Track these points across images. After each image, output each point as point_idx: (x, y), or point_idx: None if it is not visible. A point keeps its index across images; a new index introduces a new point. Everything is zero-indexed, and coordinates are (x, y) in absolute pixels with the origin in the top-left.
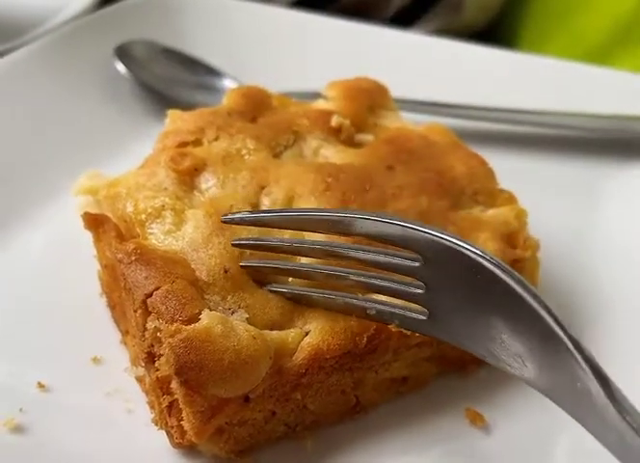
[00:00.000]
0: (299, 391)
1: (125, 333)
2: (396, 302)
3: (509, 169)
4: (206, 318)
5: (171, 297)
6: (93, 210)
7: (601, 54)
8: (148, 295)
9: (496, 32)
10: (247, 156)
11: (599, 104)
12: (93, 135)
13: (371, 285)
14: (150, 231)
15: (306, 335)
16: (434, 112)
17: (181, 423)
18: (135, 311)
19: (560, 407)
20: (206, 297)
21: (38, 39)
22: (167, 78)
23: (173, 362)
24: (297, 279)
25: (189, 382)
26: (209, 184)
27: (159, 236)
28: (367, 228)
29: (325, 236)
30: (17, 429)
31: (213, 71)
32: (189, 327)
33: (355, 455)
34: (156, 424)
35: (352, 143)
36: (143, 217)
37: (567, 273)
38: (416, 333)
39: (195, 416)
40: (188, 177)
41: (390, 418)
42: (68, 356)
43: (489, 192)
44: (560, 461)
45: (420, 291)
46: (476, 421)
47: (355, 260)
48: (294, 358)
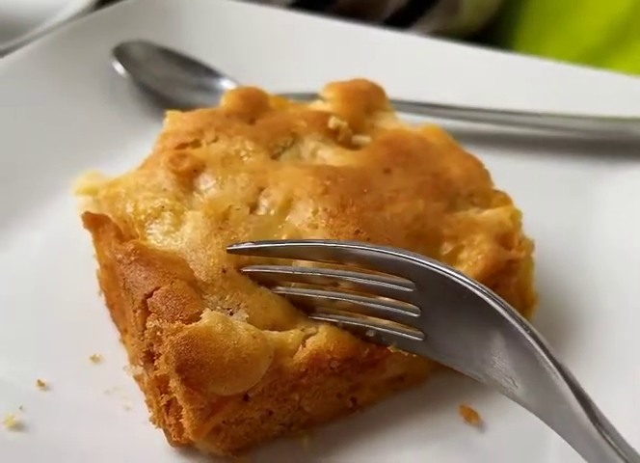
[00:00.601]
0: (297, 391)
1: (124, 332)
2: (393, 325)
3: (504, 170)
4: (207, 317)
5: (170, 297)
6: (93, 210)
7: (597, 55)
8: (148, 295)
9: (493, 33)
10: (245, 158)
11: (594, 106)
12: (91, 135)
13: (370, 309)
14: (150, 231)
15: (308, 336)
16: (430, 113)
17: (179, 421)
18: (134, 310)
19: (549, 426)
20: (205, 297)
21: (36, 38)
22: (165, 79)
23: (174, 359)
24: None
25: (189, 379)
26: (208, 185)
27: (158, 237)
28: (362, 256)
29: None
30: (17, 427)
31: (211, 72)
32: (190, 325)
33: (351, 453)
34: (154, 423)
35: (349, 144)
36: (142, 218)
37: (562, 273)
38: (413, 354)
39: (194, 413)
40: (187, 179)
41: (386, 415)
42: (68, 354)
43: (484, 193)
44: (552, 458)
45: (416, 315)
46: (471, 418)
47: (352, 285)
48: (294, 358)
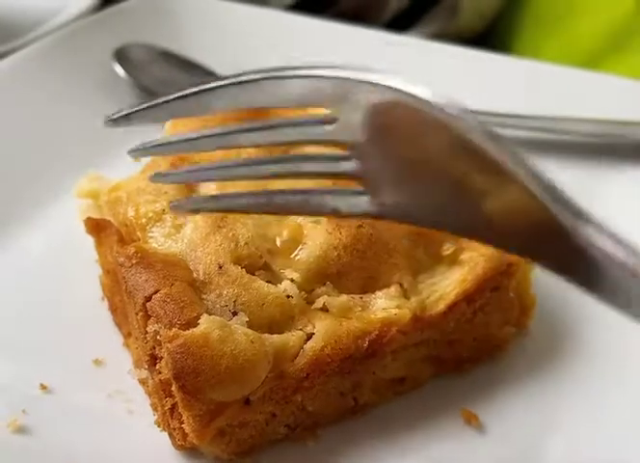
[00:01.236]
0: (299, 393)
1: (128, 335)
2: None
3: None
4: (204, 323)
5: (169, 301)
6: (95, 215)
7: (596, 60)
8: (148, 298)
9: (492, 37)
10: None
11: (594, 109)
12: (91, 137)
13: (293, 168)
14: (151, 234)
15: (308, 338)
16: None
17: (183, 426)
18: (136, 313)
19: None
20: (204, 297)
21: (37, 40)
22: (165, 81)
23: (170, 367)
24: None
25: (186, 387)
26: (209, 189)
27: (159, 240)
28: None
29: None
30: (21, 430)
31: (211, 74)
32: (187, 332)
33: (354, 455)
34: (159, 426)
35: None
36: (143, 221)
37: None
38: (361, 216)
39: (194, 419)
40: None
41: (388, 418)
42: (70, 358)
43: None
44: (553, 461)
45: (351, 165)
46: (471, 420)
47: (266, 144)
48: (296, 362)
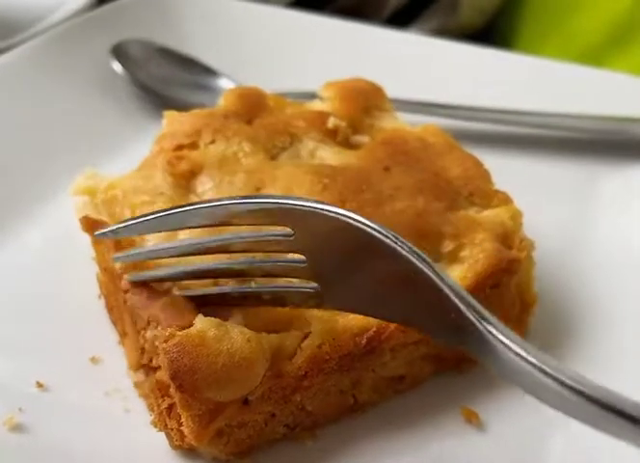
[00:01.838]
0: (298, 393)
1: (123, 334)
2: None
3: (503, 169)
4: (200, 323)
5: (170, 307)
6: (91, 212)
7: (596, 55)
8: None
9: (492, 33)
10: (243, 159)
11: (594, 105)
12: (88, 133)
13: (254, 269)
14: (148, 239)
15: (306, 337)
16: (430, 112)
17: (181, 427)
18: (143, 329)
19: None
20: None
21: (34, 37)
22: (163, 77)
23: (167, 367)
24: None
25: (184, 386)
26: (206, 188)
27: (156, 243)
28: (232, 212)
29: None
30: (17, 428)
31: (209, 71)
32: (182, 332)
33: (354, 454)
34: (155, 426)
35: (348, 144)
36: None
37: (561, 273)
38: (317, 308)
39: (193, 420)
40: (184, 181)
41: (388, 416)
42: (67, 356)
43: (484, 193)
44: (553, 459)
45: (303, 264)
46: (471, 418)
47: (229, 249)
48: (294, 361)
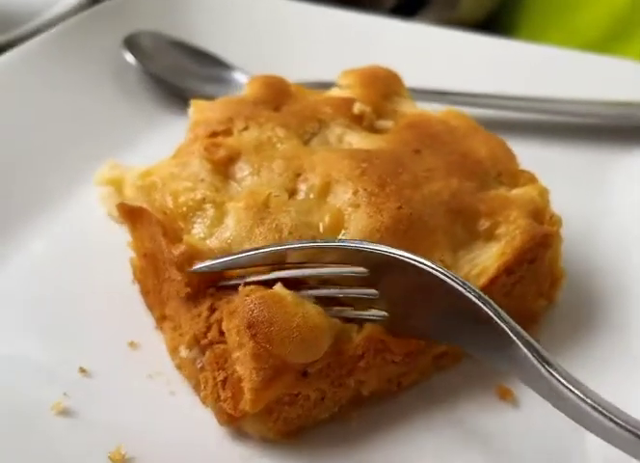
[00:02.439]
0: (353, 376)
1: (161, 318)
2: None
3: (517, 154)
4: (279, 288)
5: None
6: (116, 201)
7: (597, 50)
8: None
9: (494, 26)
10: (278, 145)
11: (605, 92)
12: (102, 124)
13: (332, 298)
14: (193, 225)
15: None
16: (442, 100)
17: (237, 393)
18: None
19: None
20: None
21: (34, 31)
22: (175, 69)
23: (245, 316)
24: None
25: (258, 335)
26: (244, 174)
27: (203, 230)
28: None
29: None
30: (64, 413)
31: (220, 62)
32: (263, 290)
33: (395, 433)
34: (205, 402)
35: (373, 129)
36: (184, 210)
37: (583, 250)
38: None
39: (257, 373)
40: (223, 167)
41: (426, 395)
42: (106, 341)
43: (511, 173)
44: (587, 435)
45: (374, 297)
46: (506, 396)
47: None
48: (353, 340)
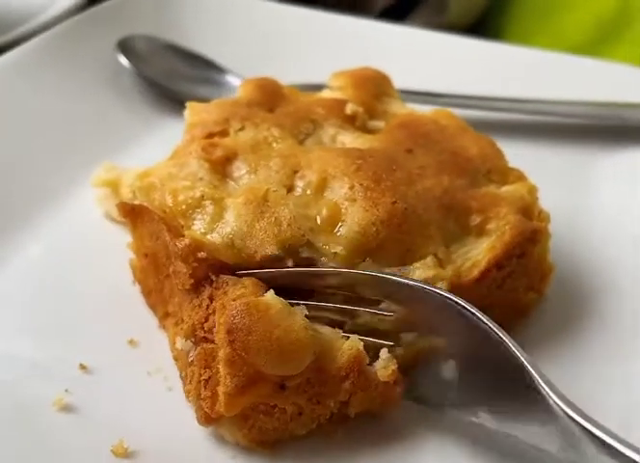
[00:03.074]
0: (334, 397)
1: (164, 316)
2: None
3: (507, 153)
4: (270, 296)
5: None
6: (113, 202)
7: (584, 52)
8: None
9: (481, 30)
10: (274, 144)
11: (589, 93)
12: (96, 126)
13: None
14: (194, 221)
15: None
16: (433, 102)
17: (215, 392)
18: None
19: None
20: None
21: (29, 34)
22: (168, 72)
23: (228, 320)
24: None
25: (236, 342)
26: (242, 172)
27: (203, 226)
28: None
29: None
30: (65, 409)
31: (212, 65)
32: (252, 297)
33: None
34: (187, 397)
35: (365, 129)
36: (184, 207)
37: (569, 246)
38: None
39: (231, 379)
40: (221, 167)
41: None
42: (106, 339)
43: (501, 170)
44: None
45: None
46: None
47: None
48: (337, 360)
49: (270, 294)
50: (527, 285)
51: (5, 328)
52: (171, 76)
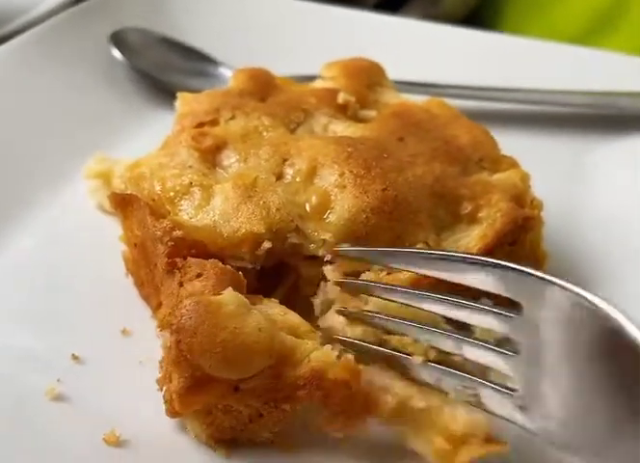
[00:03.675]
0: (290, 402)
1: (158, 306)
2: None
3: (500, 143)
4: (227, 295)
5: (219, 274)
6: (105, 193)
7: (578, 43)
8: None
9: (475, 22)
10: (265, 133)
11: (584, 82)
12: (89, 118)
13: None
14: (180, 207)
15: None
16: (426, 92)
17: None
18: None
19: None
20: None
21: (20, 29)
22: (161, 64)
23: (176, 320)
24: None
25: (182, 343)
26: (231, 161)
27: (190, 212)
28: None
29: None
30: (58, 398)
31: (205, 57)
32: (206, 295)
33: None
34: (159, 385)
35: (357, 118)
36: (171, 194)
37: (562, 232)
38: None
39: (178, 381)
40: (210, 156)
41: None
42: (98, 330)
43: (493, 158)
44: None
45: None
46: None
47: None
48: (297, 369)
49: (228, 292)
50: None
51: None
52: (164, 69)
